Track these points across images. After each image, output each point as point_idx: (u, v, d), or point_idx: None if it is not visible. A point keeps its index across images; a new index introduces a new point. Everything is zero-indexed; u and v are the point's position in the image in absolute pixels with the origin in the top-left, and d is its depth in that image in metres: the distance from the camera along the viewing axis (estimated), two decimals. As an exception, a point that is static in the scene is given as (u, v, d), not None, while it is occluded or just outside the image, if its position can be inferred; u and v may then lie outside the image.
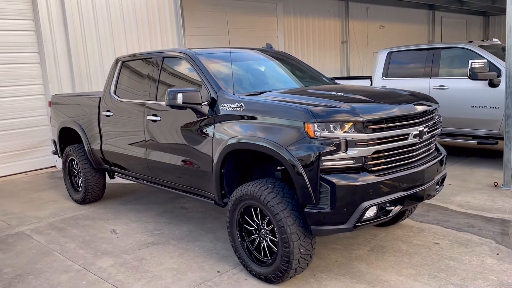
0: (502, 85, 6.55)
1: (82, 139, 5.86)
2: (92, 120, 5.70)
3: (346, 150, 3.21)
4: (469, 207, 5.23)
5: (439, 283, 3.53)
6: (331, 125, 3.22)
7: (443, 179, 4.00)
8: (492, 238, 4.33)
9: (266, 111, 3.57)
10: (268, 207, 3.41)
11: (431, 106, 3.82)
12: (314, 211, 3.24)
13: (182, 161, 4.37)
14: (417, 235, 4.48)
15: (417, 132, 3.54)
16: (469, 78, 6.63)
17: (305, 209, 3.28)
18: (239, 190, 3.68)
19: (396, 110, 3.44)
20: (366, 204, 3.21)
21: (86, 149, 5.84)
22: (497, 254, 3.99)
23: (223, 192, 3.99)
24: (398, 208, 3.42)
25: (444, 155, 4.04)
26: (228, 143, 3.74)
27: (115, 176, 5.93)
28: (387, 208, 3.39)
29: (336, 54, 15.07)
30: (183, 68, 4.60)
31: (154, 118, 4.63)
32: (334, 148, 3.19)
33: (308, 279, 3.67)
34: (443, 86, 7.20)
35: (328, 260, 4.01)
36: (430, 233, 4.53)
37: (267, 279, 3.59)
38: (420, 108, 3.63)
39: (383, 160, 3.38)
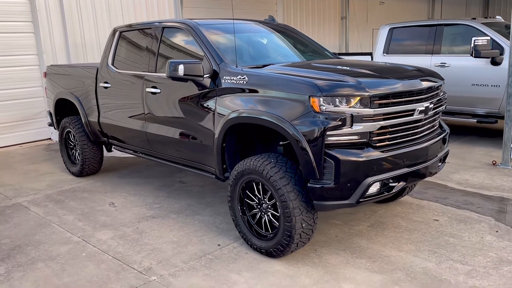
0: (504, 63, 6.50)
1: (79, 111, 5.76)
2: (89, 92, 5.59)
3: (352, 125, 3.17)
4: (467, 185, 5.25)
5: (439, 258, 3.55)
6: (337, 100, 3.16)
7: (445, 157, 3.98)
8: (491, 216, 4.35)
9: (270, 84, 3.49)
10: (270, 181, 3.38)
11: (436, 82, 3.77)
12: (317, 186, 3.21)
13: (182, 134, 4.32)
14: (416, 212, 4.49)
15: (423, 108, 3.50)
16: (471, 55, 6.57)
17: (308, 184, 3.25)
18: (241, 164, 3.64)
19: (402, 85, 3.39)
20: (370, 180, 3.19)
21: (83, 122, 5.75)
22: (496, 231, 4.02)
23: (224, 166, 3.95)
24: (401, 184, 3.40)
25: (448, 132, 4.02)
26: (230, 116, 3.68)
27: (112, 149, 5.87)
28: (390, 184, 3.37)
29: (335, 30, 14.87)
30: (184, 39, 4.49)
31: (153, 90, 4.55)
32: (340, 123, 3.14)
33: (309, 254, 3.68)
34: (445, 63, 7.13)
35: (328, 235, 4.02)
36: (429, 210, 4.54)
37: (268, 253, 3.59)
38: (426, 84, 3.57)
39: (388, 136, 3.35)
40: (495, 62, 6.60)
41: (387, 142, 3.35)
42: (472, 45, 6.46)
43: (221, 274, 3.42)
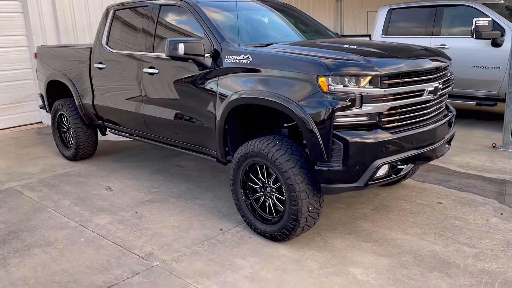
0: (505, 45, 6.43)
1: (72, 93, 5.59)
2: (82, 73, 5.41)
3: (361, 106, 3.07)
4: (469, 168, 5.21)
5: (445, 241, 3.51)
6: (346, 79, 3.05)
7: (451, 139, 3.91)
8: (495, 198, 4.32)
9: (275, 63, 3.37)
10: (276, 164, 3.28)
11: (444, 62, 3.67)
12: (325, 169, 3.12)
13: (182, 116, 4.19)
14: (419, 195, 4.44)
15: (432, 89, 3.40)
16: (472, 37, 6.47)
17: (315, 167, 3.16)
18: (244, 147, 3.54)
19: (412, 65, 3.29)
20: (378, 162, 3.11)
21: (76, 104, 5.58)
22: (501, 214, 3.98)
23: (226, 149, 3.84)
24: (409, 166, 3.33)
25: (454, 114, 3.94)
26: (233, 98, 3.56)
27: (107, 133, 5.72)
28: (399, 166, 3.30)
29: (329, 12, 14.68)
30: (182, 17, 4.33)
31: (151, 70, 4.39)
32: (349, 103, 3.03)
33: (314, 237, 3.61)
34: (445, 45, 7.04)
35: (332, 219, 3.95)
36: (433, 193, 4.49)
37: (272, 237, 3.51)
38: (435, 64, 3.48)
39: (397, 117, 3.26)
40: (495, 44, 6.53)
41: (396, 124, 3.26)
42: (473, 26, 6.37)
43: (225, 258, 3.34)
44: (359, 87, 3.06)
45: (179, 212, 4.21)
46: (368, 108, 3.08)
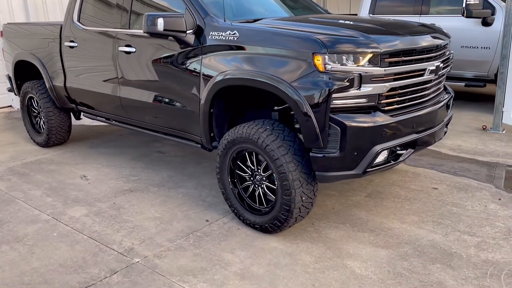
0: (496, 24, 6.26)
1: (43, 74, 5.18)
2: (53, 53, 5.00)
3: (360, 87, 2.81)
4: (461, 151, 5.05)
5: (445, 230, 3.33)
6: (344, 57, 2.79)
7: (448, 122, 3.71)
8: (491, 183, 4.17)
9: (265, 40, 3.07)
10: (266, 151, 3.02)
11: (444, 39, 3.44)
12: (321, 155, 2.88)
13: (163, 99, 3.87)
14: (413, 180, 4.25)
15: (434, 68, 3.17)
16: (463, 15, 6.27)
17: (311, 154, 2.91)
18: (231, 132, 3.26)
19: (414, 42, 3.05)
20: (378, 147, 2.88)
21: (47, 86, 5.18)
22: (499, 199, 3.83)
23: (212, 135, 3.55)
24: (409, 152, 3.11)
25: (452, 96, 3.73)
26: (219, 78, 3.26)
27: (81, 117, 5.35)
28: (398, 152, 3.08)
29: (312, -9, 14.29)
30: (161, -9, 3.97)
31: (127, 49, 4.04)
32: (347, 84, 2.78)
33: (306, 228, 3.38)
34: (433, 24, 6.81)
35: (324, 207, 3.73)
36: (426, 177, 4.31)
37: (263, 229, 3.27)
38: (436, 41, 3.24)
39: (397, 99, 3.02)
40: (486, 23, 6.35)
41: (396, 106, 3.03)
42: (464, 4, 6.16)
43: (213, 253, 3.08)
44: (357, 66, 2.80)
45: (161, 202, 3.93)
46: (367, 89, 2.83)
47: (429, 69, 3.14)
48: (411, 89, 3.09)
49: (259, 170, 3.24)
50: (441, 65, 3.30)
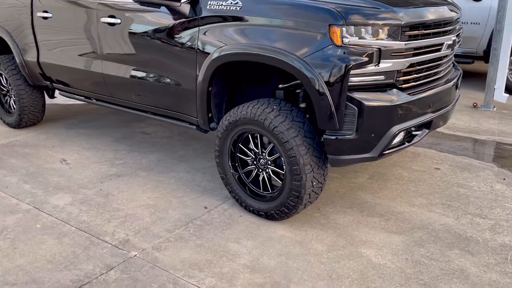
0: (486, -1, 6.14)
1: (12, 49, 4.71)
2: (23, 25, 4.53)
3: (378, 63, 2.59)
4: (456, 129, 4.96)
5: (455, 213, 3.21)
6: (362, 30, 2.55)
7: (457, 101, 3.56)
8: (492, 162, 4.09)
9: (273, 10, 2.78)
10: (274, 133, 2.78)
11: (458, 12, 3.25)
12: (335, 138, 2.66)
13: (154, 77, 3.54)
14: (414, 160, 4.12)
15: (451, 42, 2.98)
16: (454, -11, 6.10)
17: (324, 136, 2.69)
18: (233, 113, 2.99)
19: (434, 14, 2.84)
20: (396, 128, 2.69)
21: (17, 62, 4.72)
22: (504, 179, 3.75)
23: (210, 115, 3.27)
24: (424, 132, 2.94)
25: (461, 73, 3.57)
26: (220, 54, 2.96)
27: (56, 95, 4.95)
28: (413, 132, 2.90)
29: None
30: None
31: (111, 20, 3.66)
32: (366, 59, 2.55)
33: (313, 214, 3.19)
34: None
35: (327, 191, 3.54)
36: (427, 157, 4.19)
37: (268, 216, 3.06)
38: (453, 14, 3.04)
39: (414, 75, 2.82)
40: (476, -2, 6.23)
41: (413, 83, 2.83)
42: (456, -22, 5.98)
43: (217, 243, 2.86)
44: (377, 39, 2.57)
45: (152, 187, 3.64)
46: (386, 65, 2.61)
47: (446, 43, 2.94)
48: (427, 65, 2.90)
49: (264, 154, 3.00)
50: (457, 39, 3.12)
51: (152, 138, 4.79)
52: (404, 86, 2.76)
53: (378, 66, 2.59)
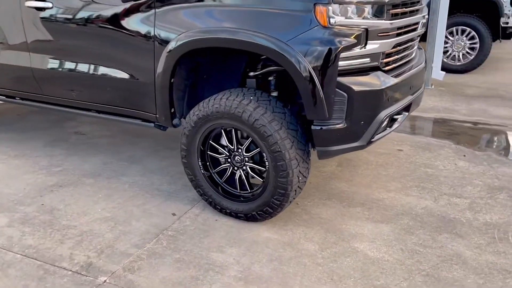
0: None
1: None
2: None
3: (366, 44, 2.41)
4: (403, 109, 5.02)
5: (431, 195, 3.18)
6: (349, 9, 2.34)
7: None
8: (447, 139, 4.17)
9: (248, -11, 2.47)
10: (255, 127, 2.50)
11: (423, -10, 3.18)
12: (324, 128, 2.45)
13: (99, 70, 3.06)
14: (375, 143, 4.06)
15: (425, 21, 2.89)
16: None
17: (312, 127, 2.46)
18: (204, 106, 2.66)
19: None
20: (383, 114, 2.54)
21: None
22: (464, 155, 3.82)
23: (172, 110, 2.89)
24: (403, 116, 2.83)
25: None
26: (185, 40, 2.59)
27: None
28: (394, 117, 2.77)
29: None
30: None
31: (40, 4, 3.09)
32: (354, 41, 2.35)
33: (293, 210, 2.98)
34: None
35: (300, 182, 3.34)
36: (387, 139, 4.11)
37: (248, 218, 2.79)
38: (424, -9, 2.95)
39: (395, 57, 2.68)
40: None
41: (394, 65, 2.69)
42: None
43: (198, 255, 2.53)
44: (363, 18, 2.38)
45: (105, 196, 3.19)
46: (373, 46, 2.43)
47: (422, 22, 2.84)
48: (404, 46, 2.78)
49: (240, 150, 2.71)
50: (427, 17, 3.04)
51: (90, 139, 4.25)
52: (386, 68, 2.61)
53: (365, 48, 2.41)
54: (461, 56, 6.53)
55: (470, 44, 6.40)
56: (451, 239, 2.67)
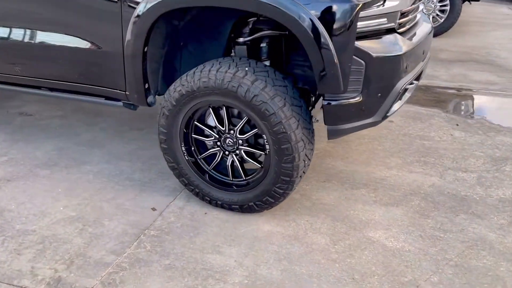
0: None
1: None
2: None
3: (384, 2, 2.02)
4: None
5: (436, 170, 2.93)
6: (366, -42, 1.93)
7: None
8: (436, 107, 3.94)
9: None
10: (254, 105, 2.08)
11: None
12: (338, 103, 2.07)
13: (53, 38, 2.48)
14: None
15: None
16: None
17: (324, 102, 2.08)
18: (187, 80, 2.19)
19: None
20: (401, 83, 2.20)
21: None
22: (457, 125, 3.60)
23: (147, 86, 2.39)
24: (414, 86, 2.50)
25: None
26: (160, -3, 2.09)
27: None
28: (406, 86, 2.44)
29: None
30: None
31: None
32: (372, -3, 1.95)
33: (292, 196, 2.60)
34: None
35: (292, 162, 2.98)
36: (373, 109, 3.87)
37: (244, 209, 2.40)
38: None
39: (409, 17, 2.33)
40: None
41: (407, 27, 2.34)
42: None
43: (192, 259, 2.12)
44: (381, -30, 1.99)
45: (66, 191, 2.67)
46: (393, 3, 2.06)
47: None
48: (417, 4, 2.43)
49: (232, 132, 2.29)
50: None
51: (38, 120, 3.64)
52: (400, 30, 2.24)
53: (384, 6, 2.03)
54: (431, 19, 6.31)
55: (441, 6, 6.19)
56: (469, 220, 2.43)
